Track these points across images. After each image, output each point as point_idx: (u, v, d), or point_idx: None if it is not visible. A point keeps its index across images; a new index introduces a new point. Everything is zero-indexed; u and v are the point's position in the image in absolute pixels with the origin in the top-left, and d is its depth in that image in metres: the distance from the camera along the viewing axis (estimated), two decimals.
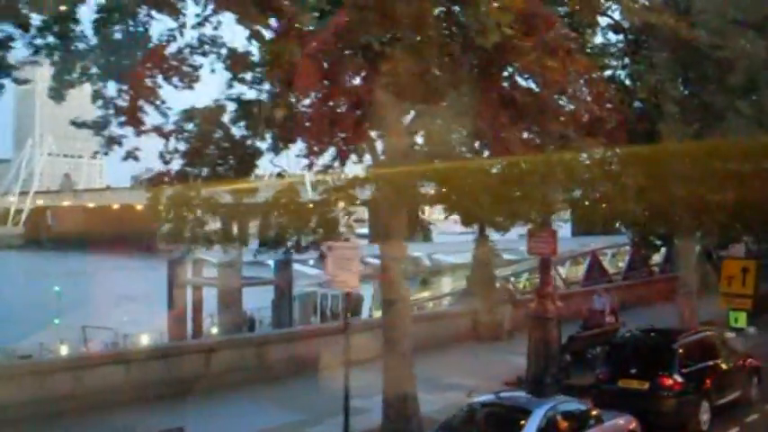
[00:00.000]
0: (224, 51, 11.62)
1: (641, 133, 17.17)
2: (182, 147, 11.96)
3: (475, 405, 11.60)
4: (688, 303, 22.51)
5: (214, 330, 37.62)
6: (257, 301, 40.32)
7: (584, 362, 17.72)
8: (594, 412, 11.77)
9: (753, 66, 17.58)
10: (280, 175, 12.97)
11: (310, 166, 12.34)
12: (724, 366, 15.52)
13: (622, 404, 13.10)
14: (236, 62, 11.50)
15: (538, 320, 15.55)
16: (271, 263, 38.13)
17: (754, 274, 23.28)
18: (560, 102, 12.86)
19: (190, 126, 11.93)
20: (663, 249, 37.96)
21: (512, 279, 41.22)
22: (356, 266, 12.14)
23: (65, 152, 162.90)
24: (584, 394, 14.95)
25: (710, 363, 15.11)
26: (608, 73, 17.80)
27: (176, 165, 12.12)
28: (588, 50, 14.53)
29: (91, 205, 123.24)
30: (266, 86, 11.77)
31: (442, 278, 46.83)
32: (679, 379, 14.10)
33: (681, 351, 14.56)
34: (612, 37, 18.49)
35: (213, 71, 11.66)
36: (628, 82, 18.08)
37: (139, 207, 63.73)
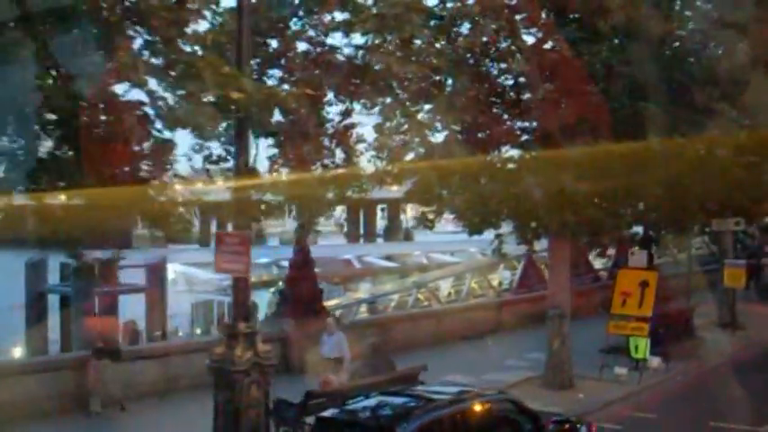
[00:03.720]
0: None
1: None
2: None
3: None
4: (558, 331, 16.84)
5: None
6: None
7: None
8: None
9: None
10: None
11: None
12: None
13: None
14: None
15: (222, 374, 9.99)
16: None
17: (653, 291, 17.75)
18: None
19: None
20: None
21: (433, 286, 35.78)
22: None
23: None
24: None
25: None
26: None
27: None
28: None
29: None
30: None
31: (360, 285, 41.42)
32: None
33: None
34: None
35: None
36: None
37: None
